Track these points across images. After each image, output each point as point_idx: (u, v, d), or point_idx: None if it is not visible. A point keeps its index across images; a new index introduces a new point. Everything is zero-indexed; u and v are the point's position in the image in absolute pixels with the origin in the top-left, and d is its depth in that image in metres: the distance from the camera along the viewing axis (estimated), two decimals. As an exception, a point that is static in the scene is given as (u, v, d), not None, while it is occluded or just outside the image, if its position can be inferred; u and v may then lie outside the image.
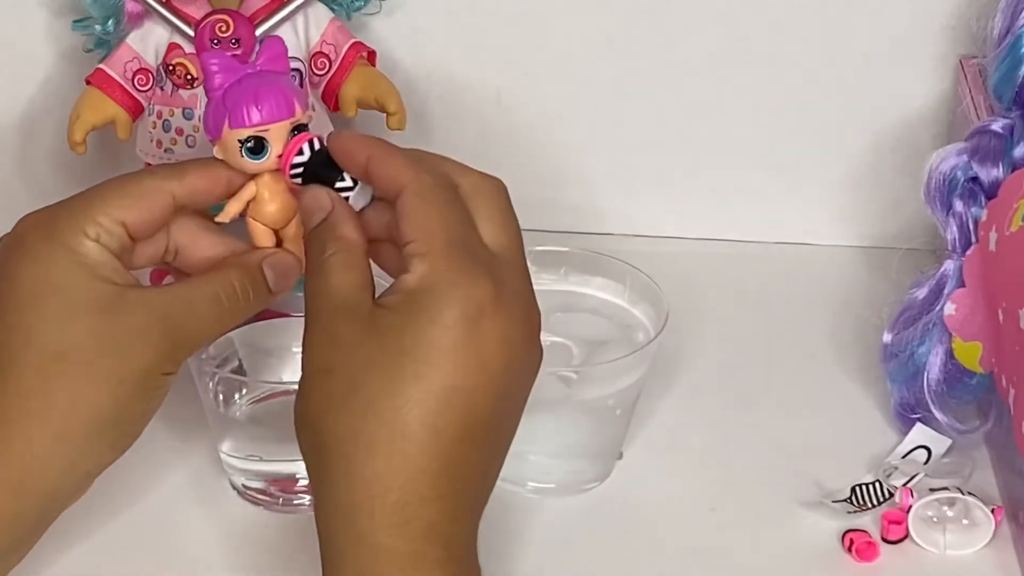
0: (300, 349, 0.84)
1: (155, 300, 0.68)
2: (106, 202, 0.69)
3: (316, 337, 0.65)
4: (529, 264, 0.66)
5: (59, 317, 0.67)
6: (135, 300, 0.68)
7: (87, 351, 0.67)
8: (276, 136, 0.70)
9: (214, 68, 0.70)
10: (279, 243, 0.73)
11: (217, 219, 0.72)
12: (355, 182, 0.69)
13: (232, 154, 0.71)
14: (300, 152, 0.70)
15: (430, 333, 0.63)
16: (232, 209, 0.72)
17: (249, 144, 0.70)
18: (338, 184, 0.69)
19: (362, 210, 0.69)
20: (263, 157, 0.70)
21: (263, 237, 0.73)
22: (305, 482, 0.82)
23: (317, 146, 0.70)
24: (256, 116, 0.70)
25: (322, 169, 0.70)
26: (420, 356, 0.63)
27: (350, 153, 0.68)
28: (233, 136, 0.70)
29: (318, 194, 0.69)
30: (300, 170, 0.70)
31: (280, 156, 0.71)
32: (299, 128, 0.71)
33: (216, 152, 0.71)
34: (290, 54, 0.90)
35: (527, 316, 0.65)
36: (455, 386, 0.63)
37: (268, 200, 0.72)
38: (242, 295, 0.70)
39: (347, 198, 0.69)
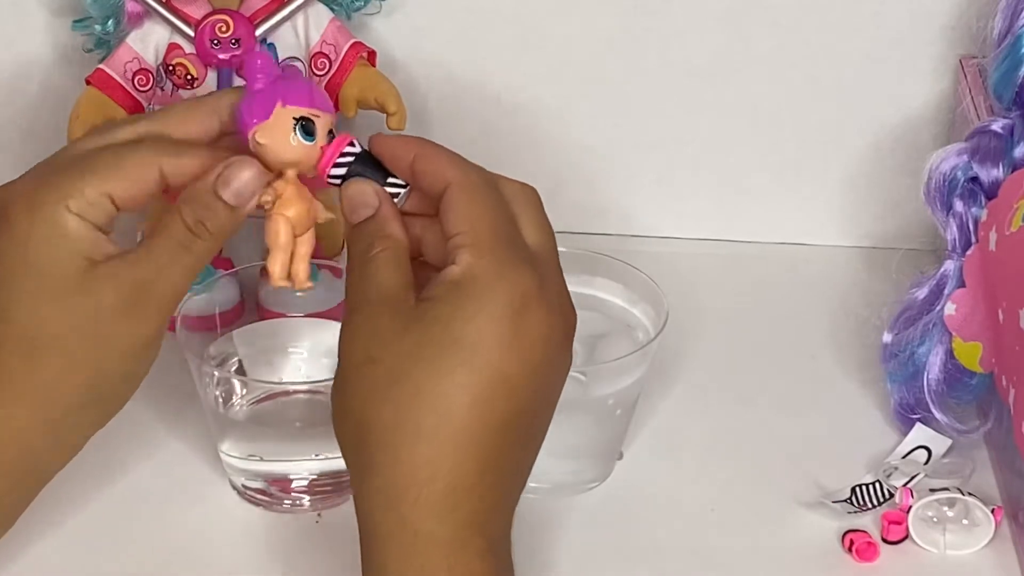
0: (299, 349, 0.85)
1: (122, 273, 0.67)
2: (95, 174, 0.67)
3: (359, 329, 0.65)
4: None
5: (33, 299, 0.67)
6: (104, 277, 0.67)
7: (63, 336, 0.67)
8: (322, 128, 0.69)
9: (258, 63, 0.69)
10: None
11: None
12: (405, 183, 0.69)
13: (281, 135, 0.68)
14: (344, 154, 0.69)
15: (478, 322, 0.63)
16: (262, 196, 0.70)
17: (303, 123, 0.69)
18: (390, 180, 0.69)
19: None
20: (313, 140, 0.69)
21: (282, 234, 0.71)
22: (304, 482, 0.82)
23: (358, 148, 0.70)
24: (312, 98, 0.69)
25: (367, 170, 0.69)
26: (467, 344, 0.63)
27: (396, 152, 0.68)
28: (288, 114, 0.68)
29: (365, 189, 0.68)
30: (344, 171, 0.69)
31: (322, 147, 0.70)
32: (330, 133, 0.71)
33: (256, 137, 0.68)
34: (290, 54, 0.90)
35: (566, 314, 0.66)
36: (502, 375, 0.63)
37: (293, 200, 0.70)
38: (197, 228, 0.67)
39: (395, 195, 0.68)
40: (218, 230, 0.68)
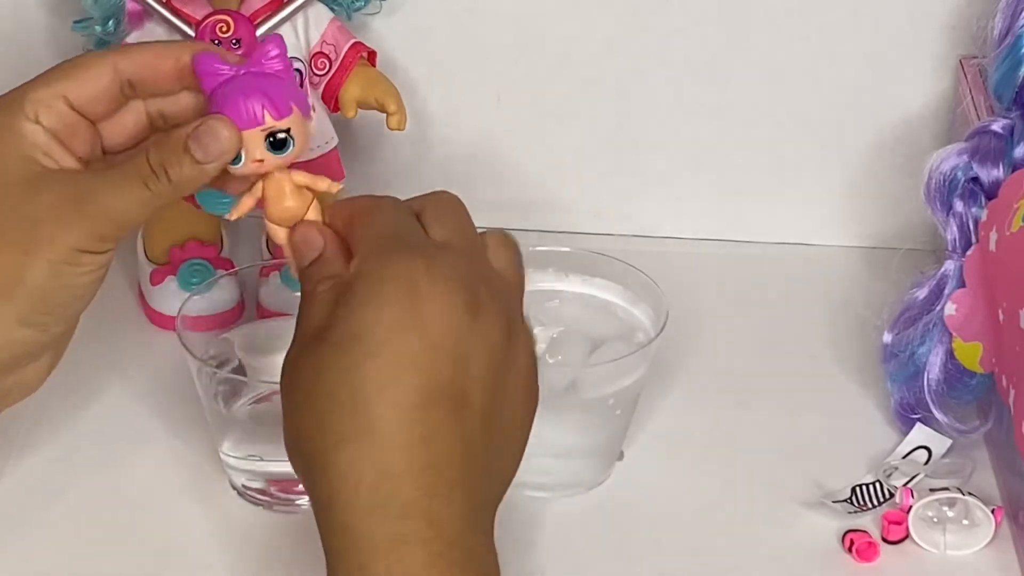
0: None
1: (72, 180, 0.68)
2: (49, 78, 0.70)
3: (299, 363, 0.65)
4: (529, 264, 0.66)
5: None
6: (53, 179, 0.68)
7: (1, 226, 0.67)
8: (296, 132, 0.69)
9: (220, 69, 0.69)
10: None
11: (227, 217, 0.72)
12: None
13: (253, 148, 0.69)
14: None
15: (369, 312, 0.63)
16: (244, 206, 0.71)
17: (271, 139, 0.68)
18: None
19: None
20: (286, 152, 0.69)
21: (280, 235, 0.72)
22: (305, 482, 0.82)
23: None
24: (277, 106, 0.68)
25: None
26: (363, 335, 0.63)
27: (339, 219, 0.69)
28: (253, 136, 0.68)
29: (311, 234, 0.69)
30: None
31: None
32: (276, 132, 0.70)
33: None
34: (290, 54, 0.90)
35: (467, 285, 0.65)
36: (404, 353, 0.62)
37: (277, 199, 0.70)
38: (159, 171, 0.68)
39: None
40: (179, 180, 0.68)
